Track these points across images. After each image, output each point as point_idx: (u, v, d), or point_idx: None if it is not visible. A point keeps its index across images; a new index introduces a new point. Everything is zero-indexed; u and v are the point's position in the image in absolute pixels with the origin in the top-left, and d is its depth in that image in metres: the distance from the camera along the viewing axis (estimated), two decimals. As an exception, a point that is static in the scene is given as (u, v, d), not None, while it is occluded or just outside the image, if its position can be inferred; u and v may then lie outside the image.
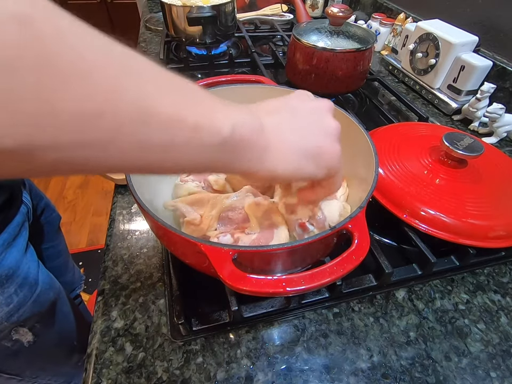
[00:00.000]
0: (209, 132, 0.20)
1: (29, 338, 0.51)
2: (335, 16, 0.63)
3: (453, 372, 0.34)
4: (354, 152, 0.39)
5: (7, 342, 0.49)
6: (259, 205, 0.37)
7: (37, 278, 0.52)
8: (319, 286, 0.25)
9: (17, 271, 0.48)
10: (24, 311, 0.49)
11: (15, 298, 0.47)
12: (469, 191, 0.43)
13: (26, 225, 0.53)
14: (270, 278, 0.25)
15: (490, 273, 0.43)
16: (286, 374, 0.33)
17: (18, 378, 0.56)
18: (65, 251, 0.81)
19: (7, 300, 0.47)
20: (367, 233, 0.28)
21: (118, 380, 0.32)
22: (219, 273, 0.25)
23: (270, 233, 0.35)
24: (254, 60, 0.81)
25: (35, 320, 0.52)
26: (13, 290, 0.47)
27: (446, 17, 0.74)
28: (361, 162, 0.37)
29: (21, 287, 0.48)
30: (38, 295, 0.51)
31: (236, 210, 0.36)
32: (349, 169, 0.40)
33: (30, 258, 0.52)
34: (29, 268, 0.51)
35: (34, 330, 0.52)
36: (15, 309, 0.48)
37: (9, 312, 0.47)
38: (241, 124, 0.22)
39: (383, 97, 0.79)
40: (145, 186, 0.34)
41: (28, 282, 0.50)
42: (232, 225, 0.36)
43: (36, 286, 0.51)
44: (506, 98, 0.67)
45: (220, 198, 0.37)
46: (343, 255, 0.27)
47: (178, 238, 0.27)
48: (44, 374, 0.60)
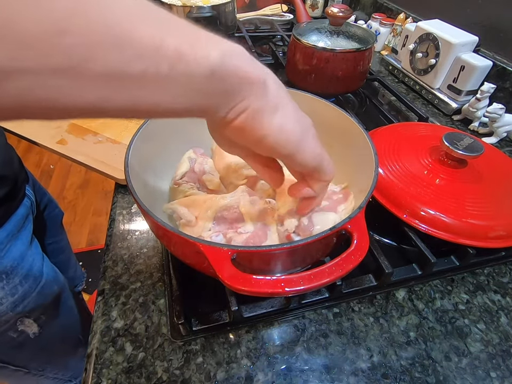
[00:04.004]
0: (195, 59, 0.17)
1: (34, 329, 0.52)
2: (335, 16, 0.63)
3: (453, 372, 0.34)
4: (354, 153, 0.39)
5: (13, 332, 0.50)
6: (254, 204, 0.37)
7: (41, 270, 0.53)
8: (318, 286, 0.25)
9: (22, 263, 0.49)
10: (29, 302, 0.50)
11: (20, 289, 0.48)
12: (469, 191, 0.43)
13: (30, 218, 0.54)
14: (268, 278, 0.25)
15: (490, 273, 0.43)
16: (286, 374, 0.33)
17: (25, 371, 0.57)
18: (68, 247, 0.82)
19: (12, 290, 0.47)
20: (366, 233, 0.28)
21: (118, 380, 0.32)
22: (218, 273, 0.25)
23: (263, 233, 0.35)
24: (254, 60, 0.81)
25: (40, 312, 0.53)
26: (18, 281, 0.48)
27: (446, 17, 0.74)
28: (361, 162, 0.37)
29: (26, 279, 0.49)
30: (42, 286, 0.52)
31: (231, 210, 0.36)
32: (349, 169, 0.40)
33: (34, 251, 0.53)
34: (34, 260, 0.52)
35: (40, 322, 0.53)
36: (20, 300, 0.49)
37: (14, 302, 0.48)
38: (232, 52, 0.19)
39: (383, 97, 0.79)
40: (145, 187, 0.34)
41: (32, 274, 0.51)
42: (226, 225, 0.36)
43: (41, 278, 0.52)
44: (506, 98, 0.67)
45: (216, 199, 0.37)
46: (342, 256, 0.27)
47: (178, 238, 0.27)
48: (50, 367, 0.61)
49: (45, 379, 0.61)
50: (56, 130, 0.56)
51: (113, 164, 0.51)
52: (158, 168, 0.42)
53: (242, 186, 0.39)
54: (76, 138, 0.55)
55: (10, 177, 0.49)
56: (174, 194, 0.41)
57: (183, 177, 0.42)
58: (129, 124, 0.59)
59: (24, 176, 0.57)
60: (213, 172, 0.44)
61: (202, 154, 0.46)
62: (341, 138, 0.42)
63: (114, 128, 0.58)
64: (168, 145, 0.44)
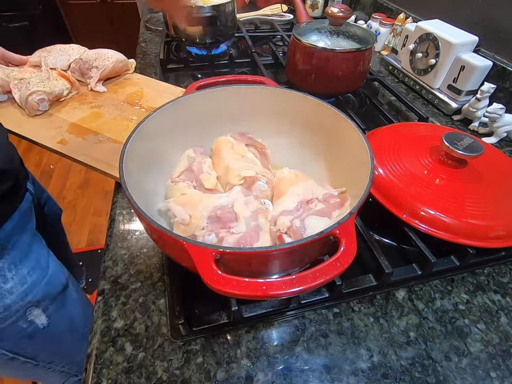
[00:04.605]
0: None
1: (43, 320, 0.54)
2: (335, 16, 0.63)
3: (453, 372, 0.34)
4: (352, 155, 0.39)
5: (22, 322, 0.51)
6: (248, 205, 0.37)
7: (47, 261, 0.55)
8: (300, 292, 0.25)
9: (29, 254, 0.51)
10: (38, 292, 0.52)
11: (29, 279, 0.50)
12: (469, 191, 0.43)
13: (33, 212, 0.56)
14: (249, 281, 0.25)
15: (490, 273, 0.43)
16: (286, 374, 0.33)
17: (33, 363, 0.58)
18: (68, 245, 0.83)
19: (21, 280, 0.49)
20: (354, 240, 0.27)
21: (118, 380, 0.32)
22: (200, 272, 0.25)
23: (255, 233, 0.35)
24: (254, 60, 0.81)
25: (48, 302, 0.54)
26: (26, 272, 0.50)
27: (446, 17, 0.74)
28: (359, 166, 0.37)
29: (34, 269, 0.51)
30: (50, 277, 0.54)
31: (225, 209, 0.36)
32: (348, 172, 0.40)
33: (39, 243, 0.55)
34: (40, 252, 0.54)
35: (48, 312, 0.54)
36: (29, 289, 0.50)
37: (24, 291, 0.50)
38: None
39: (383, 97, 0.79)
40: (140, 188, 0.34)
41: (39, 265, 0.53)
42: (219, 224, 0.36)
43: (47, 269, 0.54)
44: (506, 98, 0.67)
45: (211, 198, 0.37)
46: (327, 262, 0.26)
47: (165, 235, 0.27)
48: (58, 359, 0.62)
49: (52, 372, 0.62)
50: (56, 130, 0.56)
51: (114, 163, 0.51)
52: (156, 166, 0.42)
53: (238, 187, 0.39)
54: (76, 138, 0.55)
55: (13, 173, 0.50)
56: (170, 192, 0.41)
57: (180, 175, 0.42)
58: (130, 124, 0.59)
59: (25, 174, 0.58)
60: (210, 171, 0.44)
61: (202, 154, 0.46)
62: (339, 140, 0.42)
63: (115, 128, 0.58)
64: (167, 144, 0.44)
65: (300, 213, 0.37)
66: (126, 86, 0.70)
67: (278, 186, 0.42)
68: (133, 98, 0.66)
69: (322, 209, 0.37)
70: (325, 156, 0.46)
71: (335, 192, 0.39)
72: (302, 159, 0.48)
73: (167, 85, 0.71)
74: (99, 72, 0.67)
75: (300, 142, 0.49)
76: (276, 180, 0.43)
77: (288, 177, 0.42)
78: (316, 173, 0.45)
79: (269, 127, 0.49)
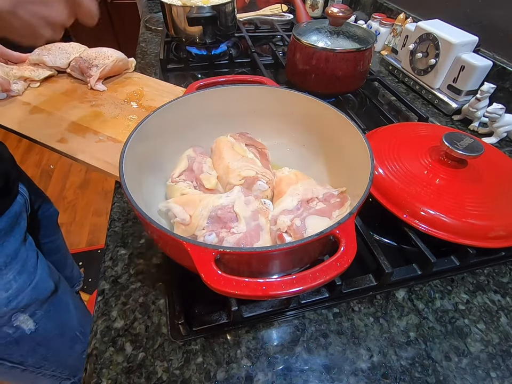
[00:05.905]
0: None
1: (30, 325, 0.53)
2: (335, 16, 0.63)
3: (453, 372, 0.34)
4: (352, 155, 0.39)
5: (8, 328, 0.50)
6: (248, 205, 0.37)
7: (35, 266, 0.53)
8: (300, 292, 0.25)
9: (16, 259, 0.49)
10: (23, 298, 0.50)
11: (14, 285, 0.49)
12: (469, 191, 0.43)
13: (24, 215, 0.54)
14: (249, 281, 0.25)
15: (490, 273, 0.43)
16: (286, 374, 0.33)
17: (21, 368, 0.57)
18: (64, 247, 0.82)
19: (5, 285, 0.48)
20: (354, 240, 0.27)
21: (118, 380, 0.32)
22: (200, 272, 0.25)
23: (256, 233, 0.35)
24: (254, 60, 0.81)
25: (35, 307, 0.53)
26: (12, 277, 0.49)
27: (446, 17, 0.74)
28: (359, 166, 0.37)
29: (20, 274, 0.50)
30: (37, 282, 0.53)
31: (225, 209, 0.36)
32: (348, 172, 0.40)
33: (29, 247, 0.53)
34: (27, 256, 0.52)
35: (35, 318, 0.53)
36: (14, 295, 0.49)
37: (8, 298, 0.48)
38: None
39: (383, 97, 0.79)
40: (140, 188, 0.34)
41: (26, 270, 0.51)
42: (219, 224, 0.36)
43: (35, 274, 0.53)
44: (506, 98, 0.67)
45: (211, 198, 0.37)
46: (327, 262, 0.26)
47: (165, 235, 0.27)
48: (48, 364, 0.60)
49: (42, 377, 0.61)
50: (56, 129, 0.56)
51: (114, 162, 0.51)
52: (156, 166, 0.42)
53: (238, 187, 0.39)
54: (76, 137, 0.55)
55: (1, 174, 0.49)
56: (171, 192, 0.41)
57: (180, 175, 0.42)
58: (130, 123, 0.59)
59: (17, 174, 0.57)
60: (210, 171, 0.44)
61: (202, 153, 0.46)
62: (339, 141, 0.42)
63: (115, 127, 0.58)
64: (168, 144, 0.44)
65: (300, 212, 0.37)
66: (126, 85, 0.70)
67: (278, 186, 0.42)
68: (133, 97, 0.66)
69: (323, 209, 0.37)
70: (325, 156, 0.46)
71: (335, 191, 0.39)
72: (302, 159, 0.48)
73: (167, 84, 0.71)
74: (99, 70, 0.67)
75: (299, 142, 0.49)
76: (276, 179, 0.43)
77: (288, 177, 0.42)
78: (316, 173, 0.45)
79: (269, 127, 0.49)
